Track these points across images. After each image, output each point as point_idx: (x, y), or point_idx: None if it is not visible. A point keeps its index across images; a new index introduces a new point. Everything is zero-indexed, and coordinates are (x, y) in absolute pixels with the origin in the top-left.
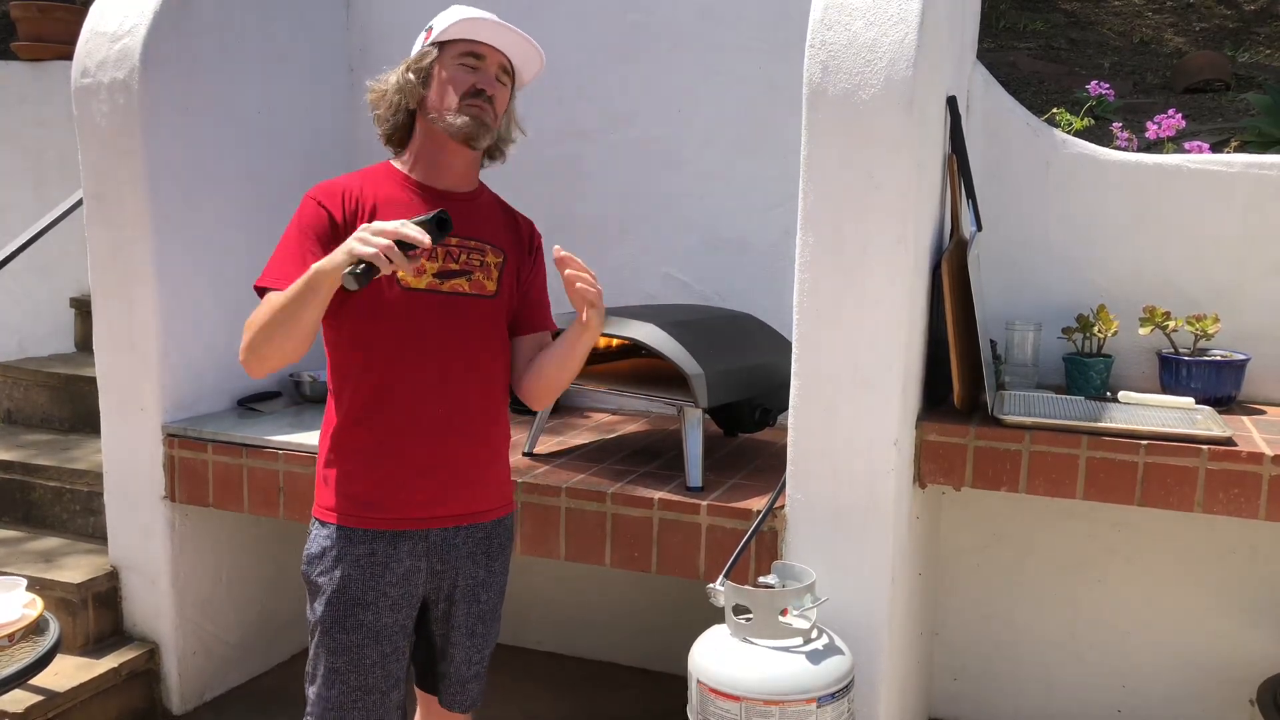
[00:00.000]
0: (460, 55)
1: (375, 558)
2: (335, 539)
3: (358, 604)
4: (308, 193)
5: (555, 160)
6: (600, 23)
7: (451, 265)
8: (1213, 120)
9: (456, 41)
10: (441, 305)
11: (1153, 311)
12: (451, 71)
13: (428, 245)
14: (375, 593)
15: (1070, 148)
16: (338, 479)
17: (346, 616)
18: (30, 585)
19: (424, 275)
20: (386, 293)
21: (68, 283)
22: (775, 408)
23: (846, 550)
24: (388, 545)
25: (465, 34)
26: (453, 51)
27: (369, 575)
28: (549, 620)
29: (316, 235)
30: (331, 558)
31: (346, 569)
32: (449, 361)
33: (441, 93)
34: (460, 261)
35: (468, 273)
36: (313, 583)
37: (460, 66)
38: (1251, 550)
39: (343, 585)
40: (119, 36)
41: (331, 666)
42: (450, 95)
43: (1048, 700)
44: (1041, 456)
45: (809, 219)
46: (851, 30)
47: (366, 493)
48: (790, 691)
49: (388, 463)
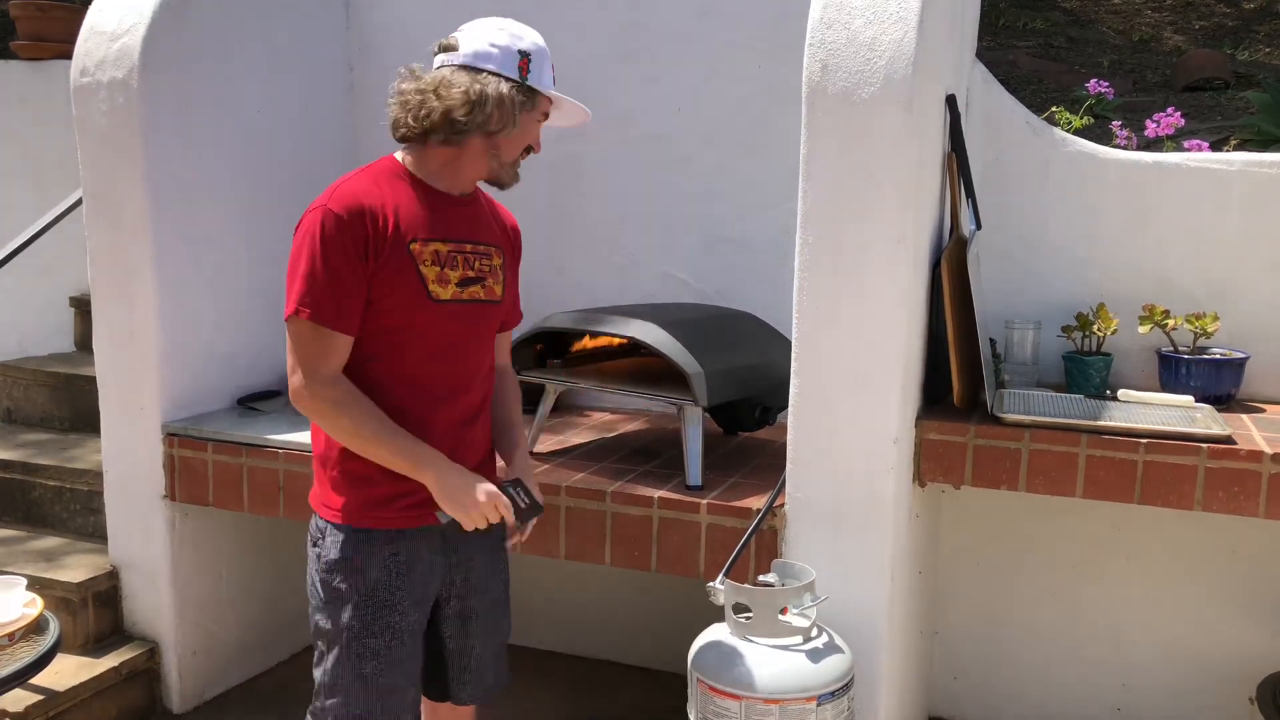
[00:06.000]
0: (542, 115)
1: (400, 558)
2: (358, 542)
3: (386, 606)
4: (331, 206)
5: (555, 159)
6: (601, 22)
7: (469, 273)
8: (1212, 119)
9: (543, 97)
10: (465, 314)
11: (1152, 310)
12: (530, 128)
13: (511, 524)
14: (401, 593)
15: (1070, 146)
16: (357, 481)
17: (375, 620)
18: (30, 584)
19: (449, 285)
20: (419, 307)
21: (67, 282)
22: (775, 406)
23: (846, 549)
24: (410, 543)
25: (556, 105)
26: (540, 108)
27: (395, 576)
28: (549, 619)
29: (361, 261)
30: (357, 562)
31: (375, 572)
32: (468, 365)
33: (516, 142)
34: (475, 268)
35: (482, 279)
36: (335, 590)
37: (537, 124)
38: (1251, 548)
39: (372, 589)
40: (118, 35)
41: (360, 673)
42: (517, 148)
43: (1047, 698)
44: (1041, 455)
45: (809, 218)
46: (851, 29)
47: (389, 493)
48: (790, 690)
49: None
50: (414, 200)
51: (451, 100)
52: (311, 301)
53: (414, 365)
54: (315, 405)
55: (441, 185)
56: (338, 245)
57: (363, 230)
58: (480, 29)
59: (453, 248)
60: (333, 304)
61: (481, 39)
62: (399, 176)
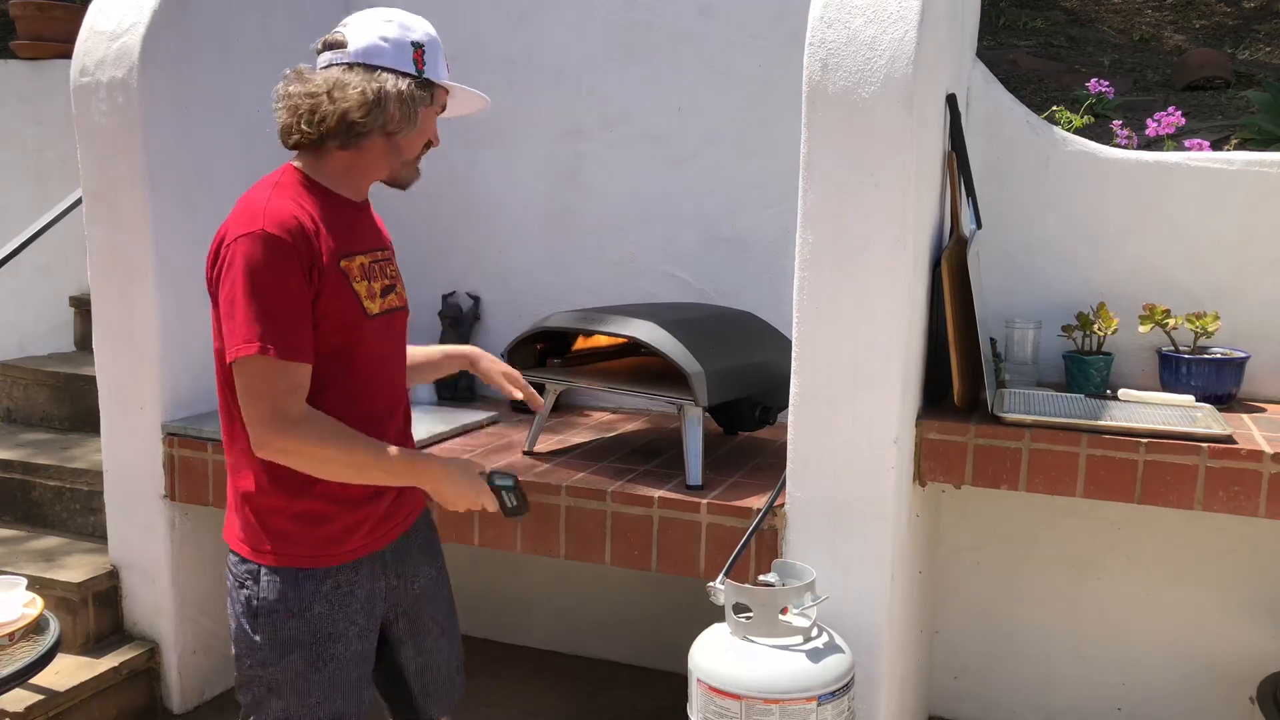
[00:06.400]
0: (440, 107)
1: (340, 589)
2: (300, 580)
3: (329, 639)
4: (268, 230)
5: (555, 158)
6: (601, 21)
7: (385, 281)
8: (1213, 118)
9: (440, 89)
10: (390, 325)
11: (1153, 309)
12: (429, 123)
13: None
14: (345, 622)
15: (1070, 145)
16: (310, 521)
17: (318, 656)
18: (30, 584)
19: (376, 298)
20: (357, 326)
21: (67, 281)
22: (775, 406)
23: (847, 548)
24: (350, 572)
25: (455, 95)
26: (438, 101)
27: (335, 607)
28: (549, 619)
29: (307, 285)
30: (299, 602)
31: (319, 607)
32: (399, 376)
33: (416, 140)
34: (389, 275)
35: (394, 286)
36: (276, 633)
37: (435, 117)
38: (1251, 548)
39: (313, 627)
40: (118, 35)
41: (307, 705)
42: (418, 145)
43: (1048, 698)
44: (1041, 454)
45: (809, 217)
46: (851, 28)
47: (341, 528)
48: (790, 690)
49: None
50: (330, 212)
51: (347, 102)
52: (273, 335)
53: (358, 386)
54: (293, 447)
55: (346, 192)
56: (283, 270)
57: (306, 251)
58: (368, 22)
59: (370, 258)
60: (294, 334)
61: (371, 33)
62: (306, 187)
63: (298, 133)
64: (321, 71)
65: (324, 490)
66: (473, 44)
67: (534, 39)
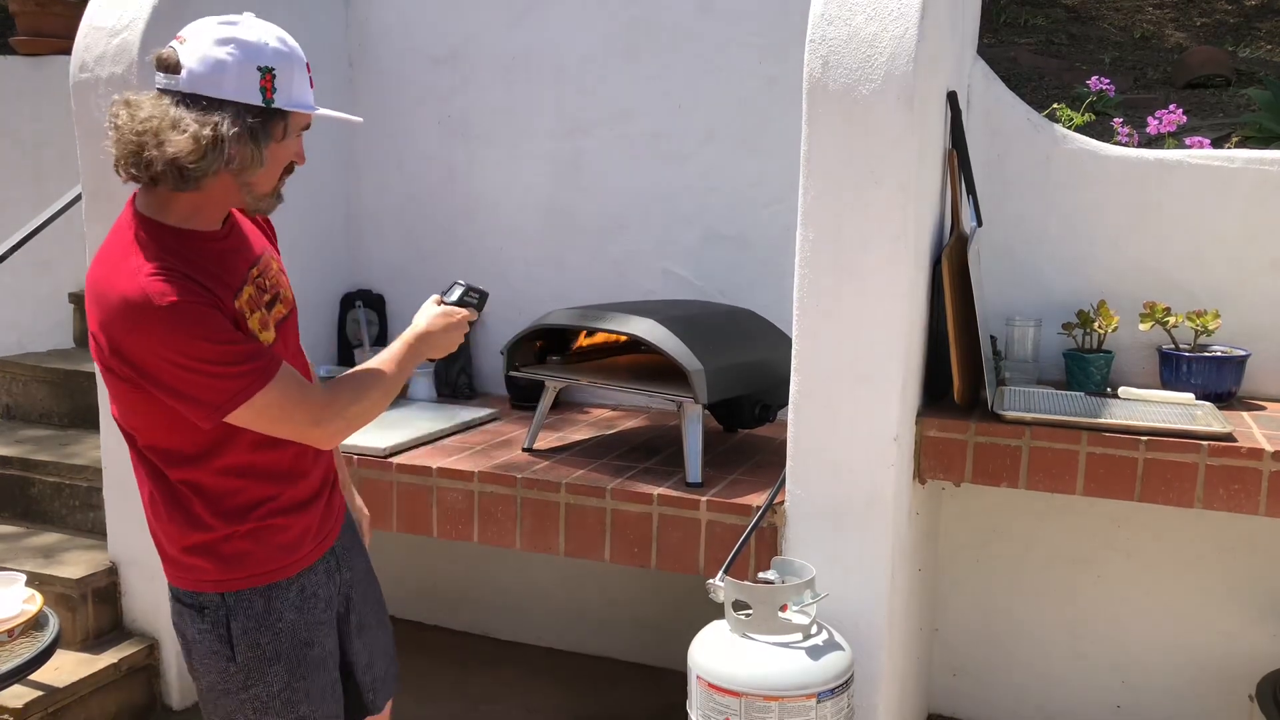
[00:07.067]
0: (300, 129)
1: (305, 592)
2: (268, 596)
3: (305, 644)
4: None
5: (555, 155)
6: (601, 18)
7: (266, 297)
8: (1214, 115)
9: (299, 114)
10: (283, 338)
11: (1153, 307)
12: (282, 154)
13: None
14: (315, 625)
15: (1071, 143)
16: (263, 537)
17: (299, 663)
18: (29, 581)
19: (269, 325)
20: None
21: (67, 278)
22: (775, 403)
23: (846, 546)
24: (310, 575)
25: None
26: (296, 124)
27: (304, 612)
28: (549, 616)
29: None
30: (267, 616)
31: (290, 615)
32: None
33: (269, 174)
34: (268, 287)
35: (277, 292)
36: (254, 652)
37: (297, 140)
38: (1251, 546)
39: (290, 636)
40: (117, 31)
41: (297, 716)
42: (273, 177)
43: (1047, 696)
44: (1041, 452)
45: (809, 214)
46: (852, 25)
47: (298, 534)
48: (790, 687)
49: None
50: (194, 258)
51: (175, 147)
52: (251, 365)
53: None
54: (345, 423)
55: (200, 226)
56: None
57: (210, 299)
58: (203, 41)
59: (253, 285)
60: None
61: (208, 55)
62: (165, 234)
63: (126, 174)
64: (151, 101)
65: (271, 507)
66: (473, 41)
67: (534, 36)
